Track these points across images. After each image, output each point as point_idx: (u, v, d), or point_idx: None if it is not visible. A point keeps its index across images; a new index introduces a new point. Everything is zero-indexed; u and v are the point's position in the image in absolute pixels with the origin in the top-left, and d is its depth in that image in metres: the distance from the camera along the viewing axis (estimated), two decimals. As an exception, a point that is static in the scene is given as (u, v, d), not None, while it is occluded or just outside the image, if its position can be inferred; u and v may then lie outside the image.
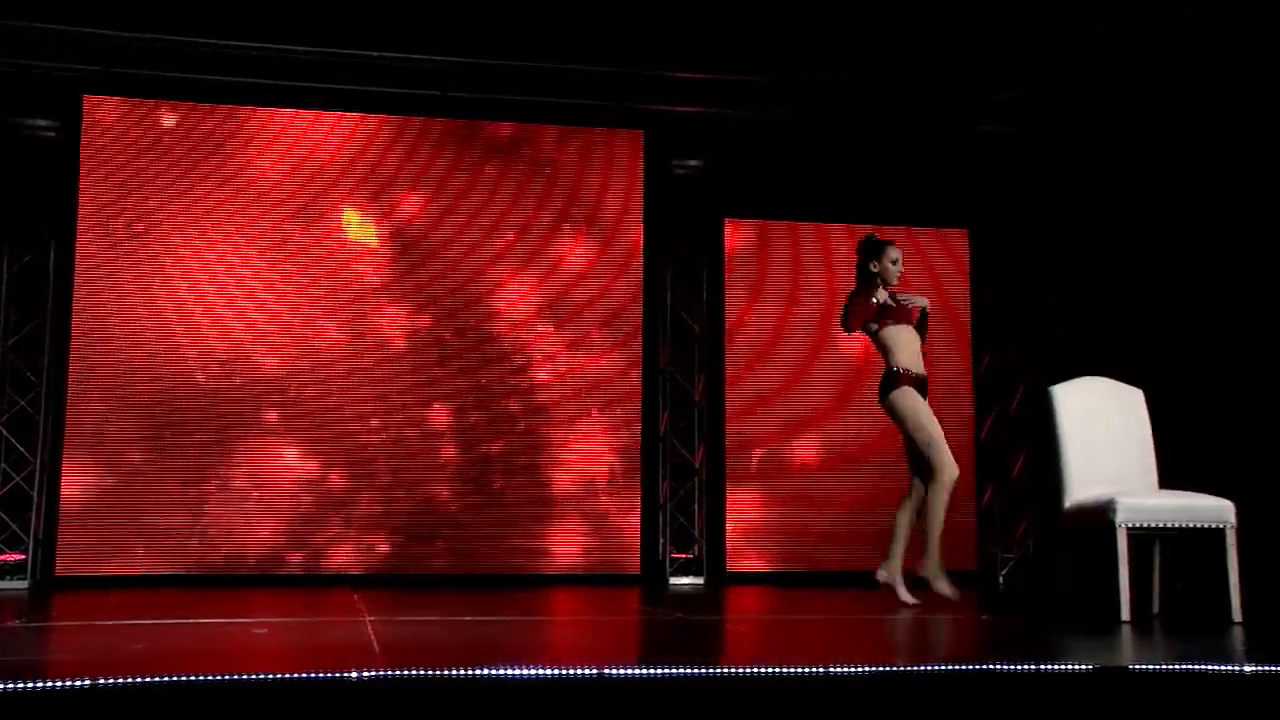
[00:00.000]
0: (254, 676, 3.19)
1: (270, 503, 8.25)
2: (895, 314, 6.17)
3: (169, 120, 8.36)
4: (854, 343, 9.10)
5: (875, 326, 6.15)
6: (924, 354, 6.25)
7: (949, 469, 5.91)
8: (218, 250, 8.36)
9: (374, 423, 8.42)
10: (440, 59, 8.55)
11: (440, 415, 8.54)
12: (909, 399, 6.05)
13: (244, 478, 8.22)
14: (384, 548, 8.36)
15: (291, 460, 8.30)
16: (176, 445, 8.15)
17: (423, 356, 8.57)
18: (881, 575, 6.16)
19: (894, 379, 6.09)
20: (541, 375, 8.71)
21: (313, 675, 3.22)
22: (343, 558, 8.31)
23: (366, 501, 8.37)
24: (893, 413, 6.10)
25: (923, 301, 6.31)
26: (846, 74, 8.83)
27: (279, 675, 3.21)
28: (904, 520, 6.09)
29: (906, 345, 6.15)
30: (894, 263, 6.17)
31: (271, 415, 8.30)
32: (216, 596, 6.89)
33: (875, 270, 6.20)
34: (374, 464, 8.41)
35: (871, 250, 6.23)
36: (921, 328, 6.28)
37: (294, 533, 8.26)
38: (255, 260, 8.40)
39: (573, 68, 8.68)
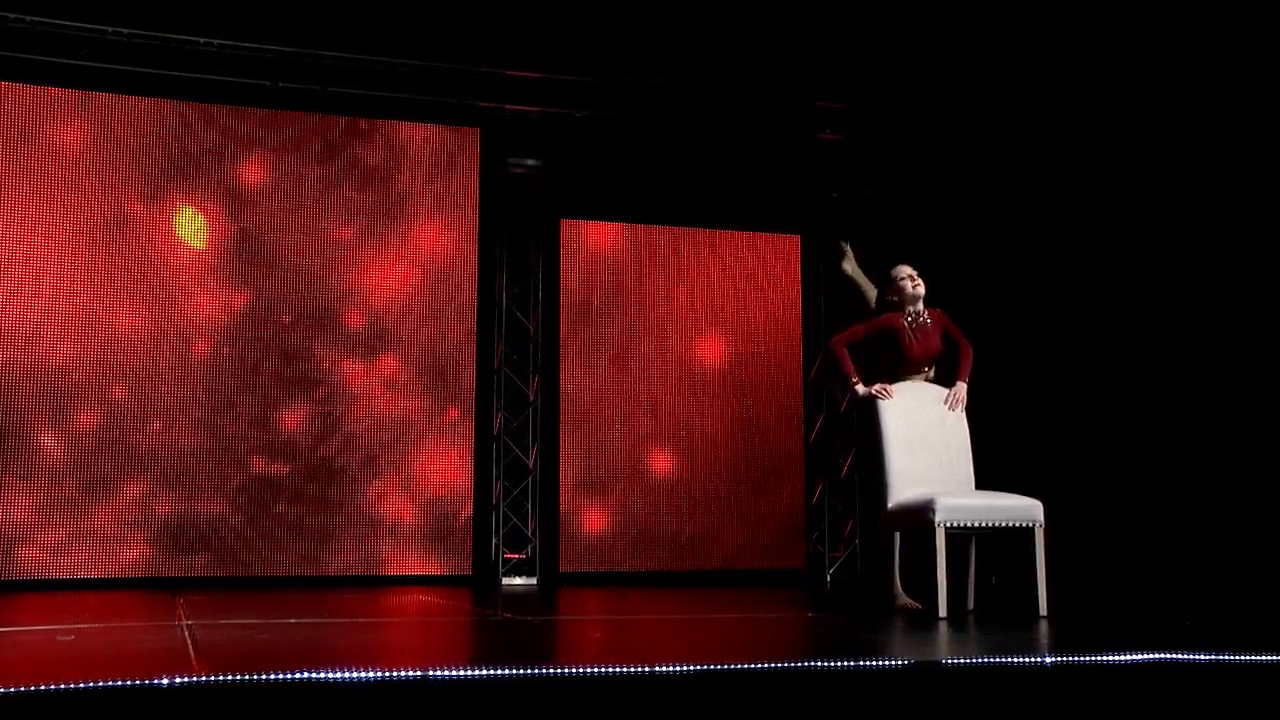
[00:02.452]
0: (79, 685, 3.03)
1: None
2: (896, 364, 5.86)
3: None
4: (691, 347, 9.21)
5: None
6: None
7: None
8: (12, 224, 7.91)
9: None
10: (273, 49, 8.34)
11: (252, 400, 8.34)
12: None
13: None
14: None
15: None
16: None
17: (246, 329, 8.33)
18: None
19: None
20: (374, 370, 8.57)
21: (123, 683, 3.08)
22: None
23: (166, 502, 8.07)
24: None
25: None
26: (685, 79, 8.93)
27: (98, 683, 3.06)
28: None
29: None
30: (904, 280, 5.83)
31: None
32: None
33: (894, 299, 5.89)
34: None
35: (883, 279, 5.88)
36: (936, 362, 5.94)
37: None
38: (57, 241, 7.98)
39: (409, 63, 8.57)
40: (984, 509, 5.46)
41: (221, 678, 3.14)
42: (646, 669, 3.34)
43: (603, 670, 3.32)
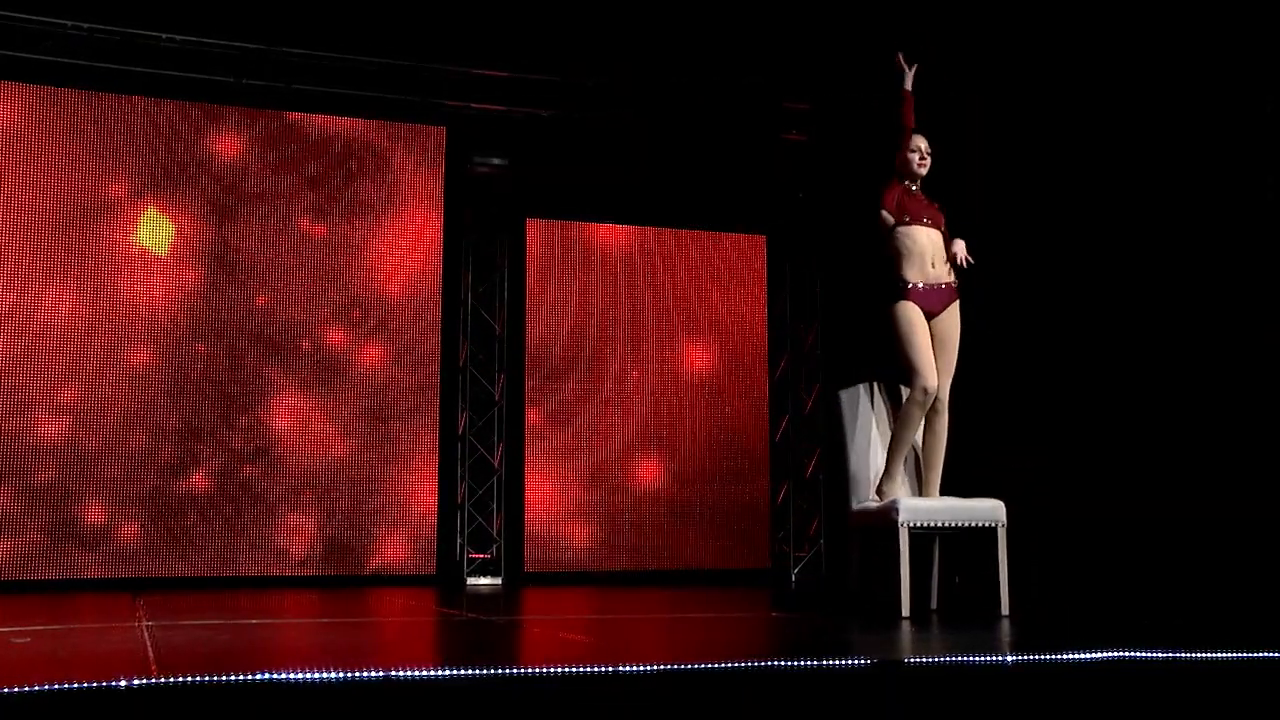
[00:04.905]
0: (43, 688, 2.99)
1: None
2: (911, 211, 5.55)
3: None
4: (657, 346, 9.20)
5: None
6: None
7: (919, 379, 5.46)
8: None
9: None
10: (236, 45, 8.27)
11: (207, 395, 8.28)
12: (905, 313, 5.53)
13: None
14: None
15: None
16: None
17: (213, 319, 8.27)
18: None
19: (896, 291, 5.56)
20: (339, 366, 8.52)
21: (76, 685, 3.05)
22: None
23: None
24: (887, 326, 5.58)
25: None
26: (652, 79, 8.93)
27: (61, 686, 3.02)
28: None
29: (919, 251, 5.56)
30: (914, 152, 5.61)
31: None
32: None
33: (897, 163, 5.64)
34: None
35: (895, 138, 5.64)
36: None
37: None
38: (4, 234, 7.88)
39: (375, 61, 8.53)
40: (947, 510, 5.49)
41: (184, 679, 3.11)
42: (610, 669, 3.33)
43: (567, 670, 3.31)
